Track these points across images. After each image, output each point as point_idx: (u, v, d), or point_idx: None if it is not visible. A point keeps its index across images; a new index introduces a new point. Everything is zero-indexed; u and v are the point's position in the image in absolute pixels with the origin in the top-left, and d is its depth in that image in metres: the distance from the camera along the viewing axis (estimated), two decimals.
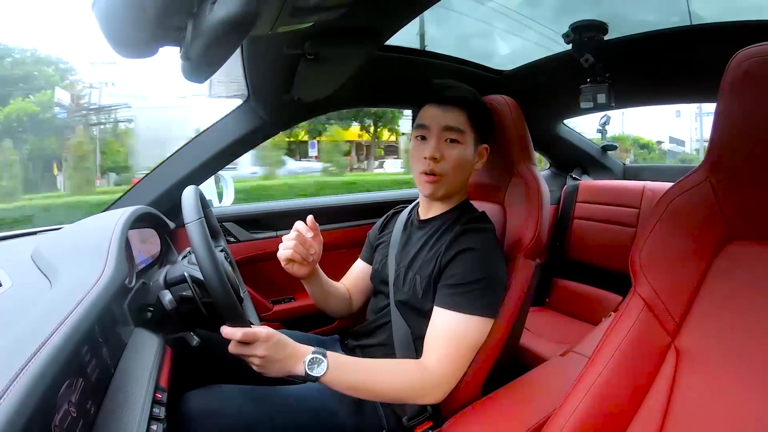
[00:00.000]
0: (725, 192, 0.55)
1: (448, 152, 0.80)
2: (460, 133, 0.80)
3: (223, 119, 1.21)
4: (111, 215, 0.79)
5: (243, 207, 1.42)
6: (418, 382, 0.73)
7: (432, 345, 0.75)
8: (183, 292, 0.75)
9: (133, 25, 0.40)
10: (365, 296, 1.03)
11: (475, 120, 0.82)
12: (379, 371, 0.73)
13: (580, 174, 1.92)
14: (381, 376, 0.72)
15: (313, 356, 0.67)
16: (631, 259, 0.60)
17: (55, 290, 0.54)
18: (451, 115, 0.80)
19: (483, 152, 0.86)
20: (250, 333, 0.65)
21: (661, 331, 0.56)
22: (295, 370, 0.67)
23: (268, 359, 0.66)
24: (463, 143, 0.81)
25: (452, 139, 0.80)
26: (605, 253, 1.59)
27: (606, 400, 0.55)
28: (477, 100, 0.84)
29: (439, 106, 0.81)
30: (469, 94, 0.83)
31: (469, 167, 0.84)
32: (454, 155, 0.80)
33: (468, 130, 0.81)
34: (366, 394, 0.71)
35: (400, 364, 0.77)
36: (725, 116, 0.54)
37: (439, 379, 0.73)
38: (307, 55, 0.83)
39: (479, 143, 0.85)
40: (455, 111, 0.81)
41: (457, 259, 0.76)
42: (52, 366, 0.37)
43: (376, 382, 0.71)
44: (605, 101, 1.25)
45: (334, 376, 0.67)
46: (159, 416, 0.52)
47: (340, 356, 0.71)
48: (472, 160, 0.84)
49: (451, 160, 0.80)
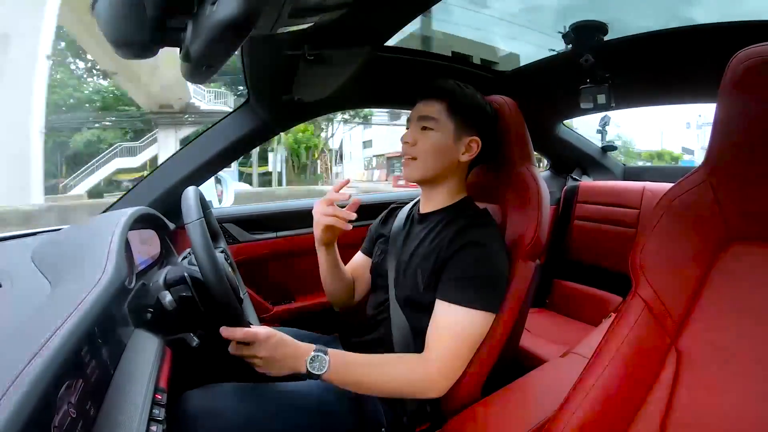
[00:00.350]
0: (725, 192, 0.55)
1: (420, 138, 0.84)
2: (433, 121, 0.83)
3: (223, 120, 1.21)
4: (111, 216, 0.79)
5: (243, 208, 1.42)
6: (419, 376, 0.73)
7: (433, 339, 0.75)
8: (183, 292, 0.75)
9: (133, 25, 0.40)
10: (366, 289, 1.04)
11: (455, 110, 0.83)
12: (381, 366, 0.73)
13: (579, 175, 1.92)
14: (383, 370, 0.73)
15: (314, 354, 0.68)
16: (631, 260, 0.60)
17: (54, 291, 0.54)
18: (428, 106, 0.84)
19: (472, 145, 0.85)
20: (250, 333, 0.65)
21: (661, 333, 0.56)
22: (296, 368, 0.68)
23: (269, 359, 0.66)
24: (436, 130, 0.83)
25: (425, 126, 0.84)
26: (605, 253, 1.59)
27: (606, 401, 0.54)
28: (459, 92, 0.85)
29: (423, 100, 0.86)
30: (449, 86, 0.85)
31: (447, 154, 0.84)
32: (426, 140, 0.84)
33: (444, 119, 0.83)
34: (368, 389, 0.72)
35: (402, 358, 0.77)
36: (725, 117, 0.54)
37: (441, 372, 0.73)
38: (307, 55, 0.83)
39: (464, 134, 0.85)
40: (433, 102, 0.84)
41: (461, 253, 0.76)
42: (52, 367, 0.37)
43: (378, 377, 0.72)
44: (605, 102, 1.25)
45: (335, 373, 0.68)
46: (158, 417, 0.52)
47: (341, 353, 0.71)
48: (452, 148, 0.84)
49: (422, 145, 0.84)
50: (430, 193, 0.89)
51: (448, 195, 0.88)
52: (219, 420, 0.67)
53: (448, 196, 0.88)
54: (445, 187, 0.88)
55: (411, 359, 0.76)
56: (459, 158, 0.85)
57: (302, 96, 1.09)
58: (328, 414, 0.75)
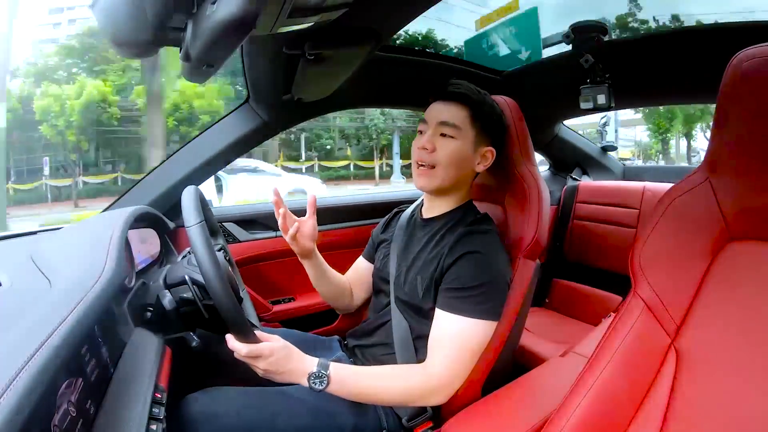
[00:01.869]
0: (725, 192, 0.55)
1: (440, 144, 0.80)
2: (455, 129, 0.80)
3: (223, 119, 1.21)
4: (111, 215, 0.79)
5: (243, 207, 1.42)
6: (421, 386, 0.73)
7: (436, 348, 0.75)
8: (183, 293, 0.75)
9: (133, 25, 0.40)
10: (366, 293, 1.03)
11: (477, 119, 0.81)
12: (383, 378, 0.74)
13: (579, 175, 1.92)
14: (384, 382, 0.73)
15: (316, 370, 0.69)
16: (630, 260, 0.60)
17: (54, 290, 0.54)
18: (450, 111, 0.81)
19: (487, 155, 0.84)
20: (255, 351, 0.66)
21: (661, 332, 0.56)
22: (298, 382, 0.70)
23: (272, 372, 0.68)
24: (458, 139, 0.80)
25: (446, 133, 0.80)
26: (605, 253, 1.59)
27: (606, 401, 0.54)
28: (482, 100, 0.83)
29: (442, 103, 0.82)
30: (474, 93, 0.82)
31: (465, 164, 0.82)
32: (447, 148, 0.80)
33: (466, 127, 0.80)
34: (370, 400, 0.73)
35: (404, 369, 0.77)
36: (725, 117, 0.54)
37: (443, 382, 0.73)
38: (307, 55, 0.83)
39: (482, 144, 0.83)
40: (455, 107, 0.81)
41: (460, 262, 0.76)
42: (52, 366, 0.37)
43: (380, 389, 0.72)
44: (605, 102, 1.25)
45: (337, 388, 0.70)
46: (158, 416, 0.52)
47: (342, 369, 0.72)
48: (470, 158, 0.82)
49: (442, 153, 0.80)
50: (437, 200, 0.88)
51: (454, 201, 0.87)
52: (219, 423, 0.68)
53: (454, 203, 0.87)
54: (453, 195, 0.86)
55: (414, 370, 0.76)
56: (475, 168, 0.84)
57: (302, 96, 1.09)
58: (328, 416, 0.75)
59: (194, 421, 0.66)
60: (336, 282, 0.99)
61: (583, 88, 1.27)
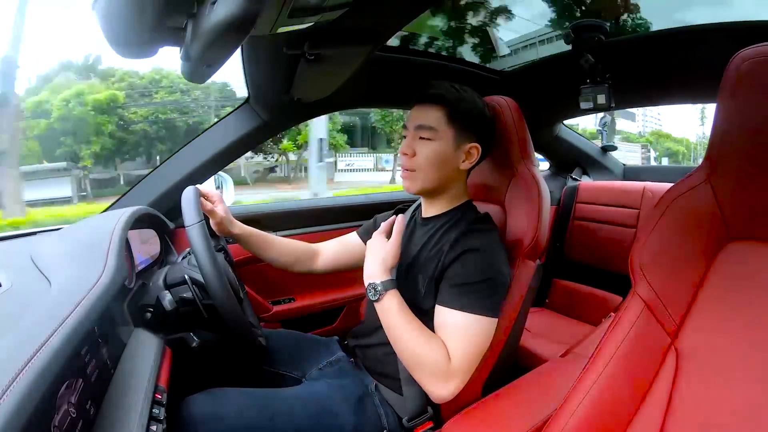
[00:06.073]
0: (725, 192, 0.55)
1: (419, 149, 0.81)
2: (432, 131, 0.80)
3: (223, 120, 1.21)
4: (111, 216, 0.79)
5: (243, 207, 1.42)
6: (440, 363, 0.71)
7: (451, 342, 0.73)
8: (183, 293, 0.75)
9: (133, 25, 0.40)
10: (337, 264, 1.04)
11: (454, 118, 0.80)
12: (420, 335, 0.72)
13: (580, 174, 1.92)
14: (419, 337, 0.72)
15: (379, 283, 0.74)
16: (630, 260, 0.60)
17: (54, 291, 0.54)
18: (426, 114, 0.81)
19: (472, 152, 0.83)
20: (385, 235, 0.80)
21: (661, 332, 0.56)
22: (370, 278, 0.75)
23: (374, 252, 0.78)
24: (435, 140, 0.80)
25: (423, 136, 0.81)
26: (605, 253, 1.59)
27: (606, 401, 0.55)
28: (459, 98, 0.82)
29: (419, 106, 0.83)
30: (449, 92, 0.81)
31: (447, 164, 0.82)
32: (425, 151, 0.81)
33: (443, 128, 0.80)
34: (392, 340, 0.74)
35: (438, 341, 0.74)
36: (725, 117, 0.54)
37: (455, 371, 0.71)
38: (307, 55, 0.83)
39: (464, 142, 0.82)
40: (431, 109, 0.81)
41: (461, 259, 0.76)
42: (52, 366, 0.37)
43: (409, 340, 0.72)
44: (605, 102, 1.25)
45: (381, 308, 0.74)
46: (158, 417, 0.52)
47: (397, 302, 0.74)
48: (452, 158, 0.82)
49: (421, 156, 0.81)
50: (432, 201, 0.88)
51: (450, 201, 0.87)
52: (220, 424, 0.67)
53: (450, 202, 0.87)
54: (446, 195, 0.87)
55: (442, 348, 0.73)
56: (459, 166, 0.84)
57: (302, 96, 1.09)
58: (328, 416, 0.75)
59: (195, 422, 0.66)
60: (288, 251, 1.01)
61: (583, 88, 1.27)
